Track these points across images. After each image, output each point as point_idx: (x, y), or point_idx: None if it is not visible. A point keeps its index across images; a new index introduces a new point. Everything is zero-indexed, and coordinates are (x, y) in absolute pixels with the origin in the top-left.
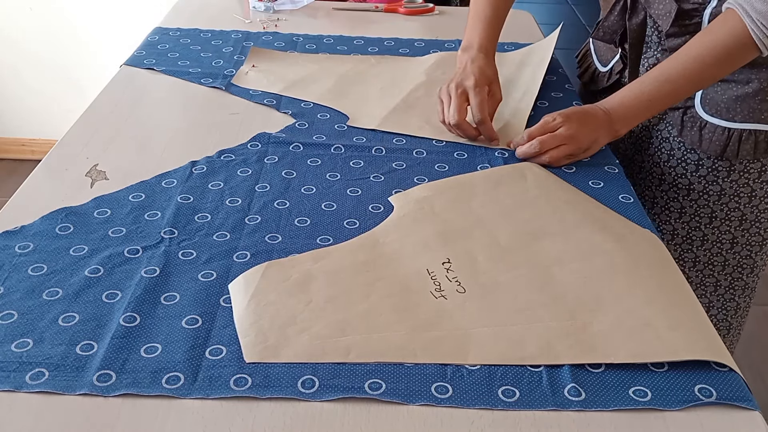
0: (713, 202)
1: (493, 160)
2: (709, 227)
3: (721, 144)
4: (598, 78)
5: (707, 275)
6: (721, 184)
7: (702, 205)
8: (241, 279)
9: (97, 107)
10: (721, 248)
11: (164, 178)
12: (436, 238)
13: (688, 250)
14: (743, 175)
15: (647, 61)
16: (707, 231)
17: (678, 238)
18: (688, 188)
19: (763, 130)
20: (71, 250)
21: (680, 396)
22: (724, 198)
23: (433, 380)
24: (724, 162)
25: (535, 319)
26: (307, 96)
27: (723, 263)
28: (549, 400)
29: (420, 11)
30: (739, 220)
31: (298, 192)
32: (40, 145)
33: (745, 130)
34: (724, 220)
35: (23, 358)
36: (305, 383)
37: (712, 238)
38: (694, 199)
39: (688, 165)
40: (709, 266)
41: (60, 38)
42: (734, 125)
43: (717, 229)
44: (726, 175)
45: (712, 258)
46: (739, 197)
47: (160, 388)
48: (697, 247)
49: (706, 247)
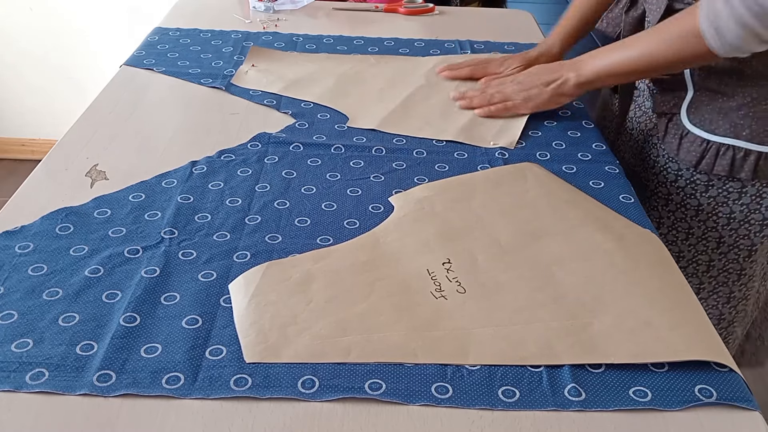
0: (690, 217)
1: (493, 160)
2: (684, 243)
3: (698, 155)
4: None
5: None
6: (699, 198)
7: (679, 219)
8: (241, 279)
9: (97, 107)
10: (696, 270)
11: (164, 178)
12: (437, 238)
13: (695, 276)
14: (721, 192)
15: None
16: (683, 247)
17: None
18: (667, 198)
19: (741, 146)
20: (71, 250)
21: (680, 396)
22: (701, 215)
23: (434, 380)
24: (702, 176)
25: (536, 319)
26: (307, 96)
27: (698, 286)
28: (549, 401)
29: (420, 11)
30: (716, 241)
31: (299, 192)
32: (40, 145)
33: (723, 144)
34: (701, 238)
35: (23, 358)
36: (305, 383)
37: (688, 256)
38: (671, 211)
39: (668, 174)
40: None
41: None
42: (713, 138)
43: (693, 247)
44: (704, 189)
45: (688, 279)
46: (717, 216)
47: (160, 389)
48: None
49: (681, 264)
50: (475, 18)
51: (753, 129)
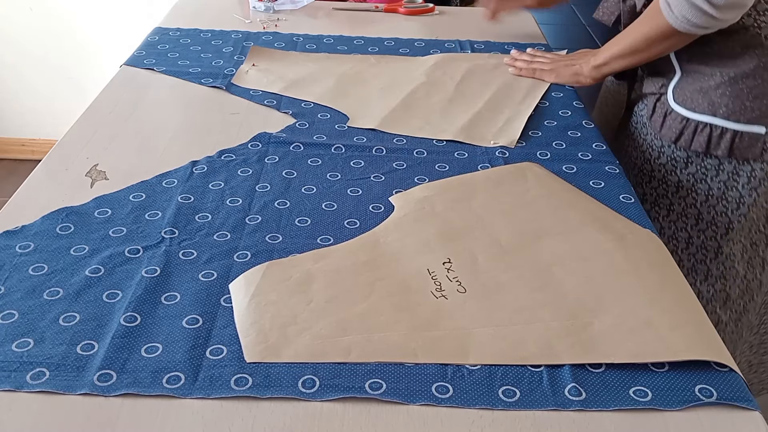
0: (671, 193)
1: (494, 159)
2: (666, 220)
3: (677, 131)
4: None
5: None
6: (678, 174)
7: (661, 195)
8: (241, 279)
9: (97, 107)
10: (676, 247)
11: (165, 177)
12: (437, 238)
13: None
14: (699, 169)
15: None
16: (664, 223)
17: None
18: (650, 175)
19: (717, 125)
20: (72, 249)
21: (680, 396)
22: (681, 191)
23: (434, 380)
24: (682, 152)
25: (536, 318)
26: (308, 96)
27: (678, 263)
28: (549, 400)
29: (420, 11)
30: (695, 218)
31: (299, 192)
32: (40, 145)
33: (701, 122)
34: (681, 215)
35: (24, 357)
36: (306, 383)
37: (668, 233)
38: (654, 187)
39: (652, 151)
40: None
41: (60, 38)
42: (692, 115)
43: (674, 224)
44: (683, 166)
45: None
46: (696, 193)
47: (161, 388)
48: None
49: (662, 241)
50: (475, 18)
51: (729, 107)
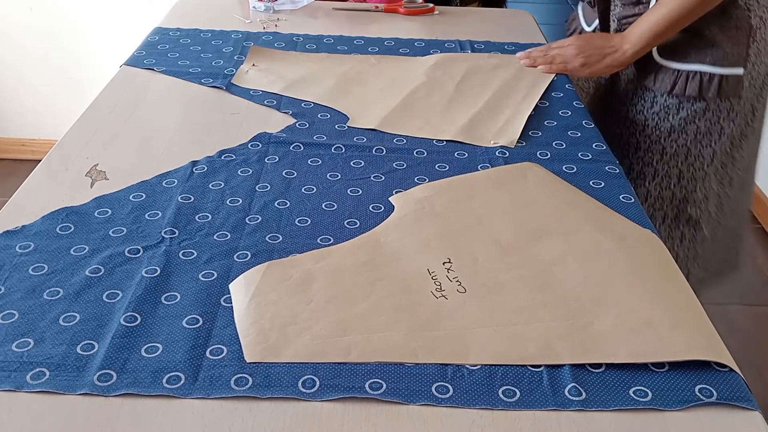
0: (664, 137)
1: (494, 159)
2: (660, 162)
3: (671, 82)
4: None
5: (657, 208)
6: (671, 120)
7: (654, 141)
8: (241, 279)
9: (97, 107)
10: (669, 183)
11: (165, 177)
12: (437, 238)
13: (641, 185)
14: (690, 112)
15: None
16: (658, 167)
17: (633, 173)
18: (644, 124)
19: (706, 71)
20: (72, 249)
21: (681, 396)
22: (673, 134)
23: (434, 380)
24: (674, 99)
25: (536, 319)
26: (308, 96)
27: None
28: (549, 400)
29: (420, 11)
30: (684, 155)
31: (299, 192)
32: (40, 145)
33: (691, 71)
34: (673, 155)
35: (24, 357)
36: (306, 383)
37: (661, 173)
38: (648, 135)
39: (645, 102)
40: (659, 200)
41: (60, 38)
42: (683, 66)
43: (666, 164)
44: (675, 111)
45: (662, 192)
46: (686, 133)
47: (161, 388)
48: (648, 182)
49: (656, 181)
50: (475, 18)
51: (714, 55)
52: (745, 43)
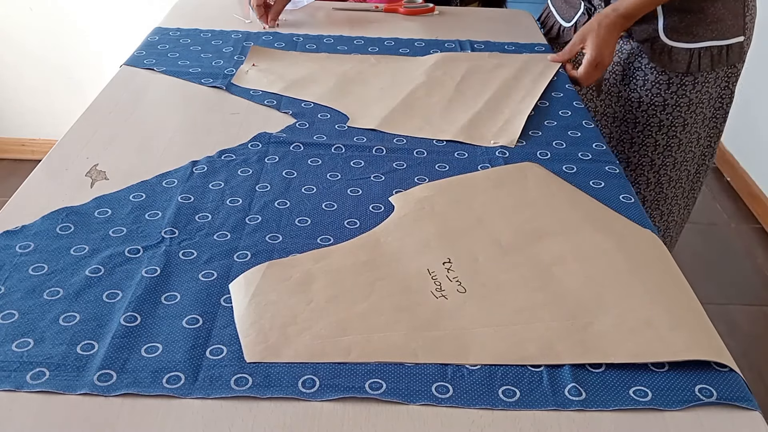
0: (684, 111)
1: (494, 159)
2: (683, 133)
3: (686, 62)
4: (564, 33)
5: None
6: (689, 95)
7: (676, 117)
8: (241, 279)
9: (97, 107)
10: (694, 153)
11: (165, 177)
12: (437, 238)
13: (669, 155)
14: (704, 84)
15: None
16: (682, 136)
17: (656, 155)
18: (663, 105)
19: (716, 45)
20: (72, 249)
21: (681, 396)
22: (692, 106)
23: (434, 380)
24: (689, 77)
25: (536, 319)
26: (308, 96)
27: (688, 173)
28: (549, 400)
29: (420, 11)
30: (702, 122)
31: (299, 192)
32: (40, 145)
33: (702, 48)
34: (693, 125)
35: (24, 357)
36: (306, 383)
37: (662, 144)
38: (669, 113)
39: (660, 84)
40: (679, 182)
41: (60, 38)
42: (694, 45)
43: (688, 135)
44: (691, 87)
45: (678, 172)
46: (703, 104)
47: (161, 388)
48: (651, 151)
49: (680, 155)
50: (475, 18)
51: (719, 30)
52: (742, 13)
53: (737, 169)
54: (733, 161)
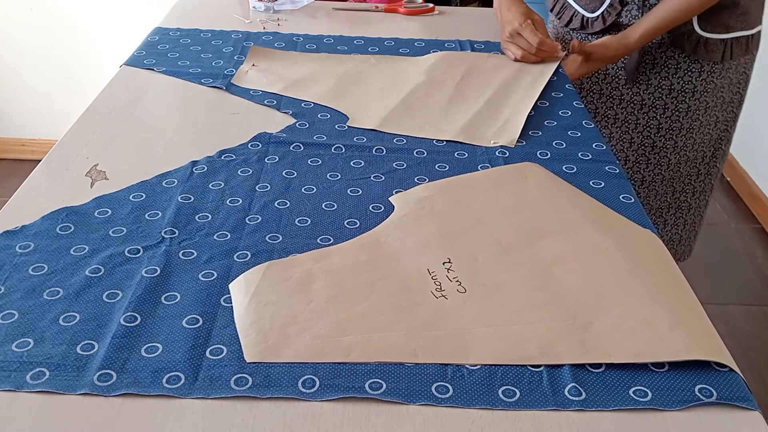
0: (723, 95)
1: (494, 159)
2: (704, 116)
3: (721, 51)
4: (590, 23)
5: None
6: (715, 81)
7: (702, 101)
8: (241, 279)
9: (97, 107)
10: (709, 135)
11: (165, 177)
12: (437, 238)
13: (690, 137)
14: (738, 68)
15: None
16: (703, 119)
17: (680, 137)
18: (693, 91)
19: (744, 35)
20: (72, 249)
21: (681, 396)
22: (728, 88)
23: (434, 380)
24: (719, 65)
25: (536, 318)
26: (308, 96)
27: (704, 155)
28: (549, 400)
29: (420, 11)
30: (737, 100)
31: (299, 192)
32: (40, 145)
33: (734, 38)
34: (730, 103)
35: (24, 357)
36: (306, 383)
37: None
38: (707, 99)
39: (692, 73)
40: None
41: (60, 38)
42: (727, 36)
43: (708, 116)
44: (719, 74)
45: (695, 152)
46: (738, 85)
47: (161, 388)
48: (676, 134)
49: (696, 141)
50: (475, 18)
51: (747, 20)
52: (762, 4)
53: (737, 169)
54: (733, 161)
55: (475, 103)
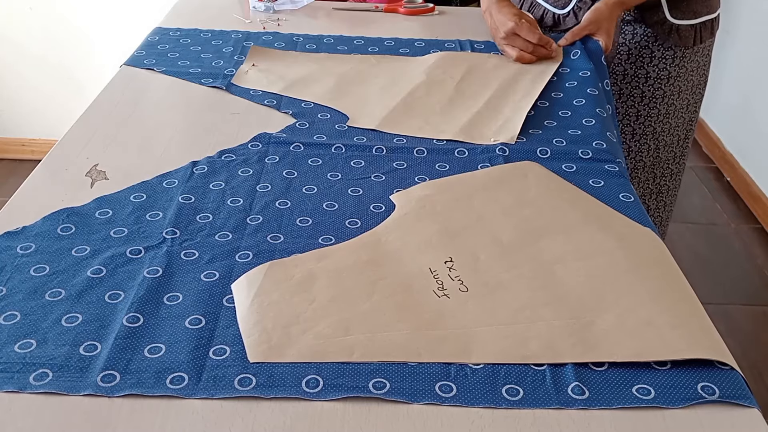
0: (692, 77)
1: (494, 158)
2: (678, 100)
3: (692, 36)
4: (562, 20)
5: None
6: (686, 65)
7: (675, 86)
8: (243, 279)
9: (97, 107)
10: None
11: (165, 178)
12: (438, 237)
13: (666, 122)
14: (704, 51)
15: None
16: (677, 103)
17: (657, 123)
18: (668, 77)
19: (709, 19)
20: (73, 250)
21: (683, 394)
22: (698, 71)
23: (437, 379)
24: (689, 50)
25: (538, 317)
26: (308, 96)
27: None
28: (552, 399)
29: (420, 11)
30: (704, 80)
31: (300, 192)
32: (40, 145)
33: (701, 22)
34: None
35: (27, 359)
36: (310, 383)
37: (662, 112)
38: (681, 83)
39: (666, 60)
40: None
41: (60, 38)
42: (695, 21)
43: (680, 100)
44: (689, 58)
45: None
46: (705, 67)
47: (165, 389)
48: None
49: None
50: (475, 18)
51: (710, 5)
52: None
53: (737, 169)
54: (733, 161)
55: (475, 103)
